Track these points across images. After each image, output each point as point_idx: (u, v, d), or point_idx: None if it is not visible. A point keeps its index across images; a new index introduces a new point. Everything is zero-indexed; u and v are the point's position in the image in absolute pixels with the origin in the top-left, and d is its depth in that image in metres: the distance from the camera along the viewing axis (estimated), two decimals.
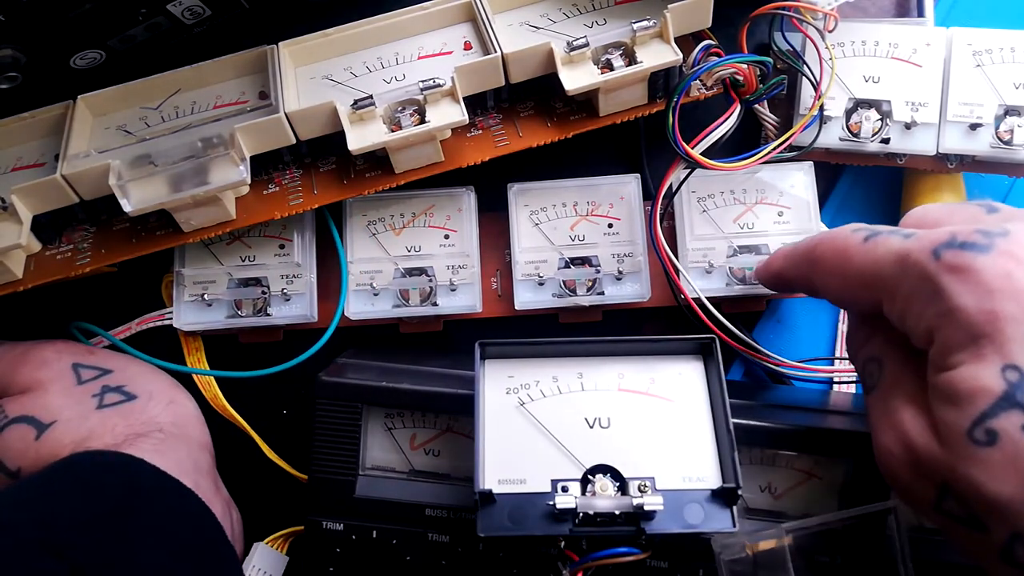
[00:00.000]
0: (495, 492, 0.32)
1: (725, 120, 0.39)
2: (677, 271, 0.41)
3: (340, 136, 0.37)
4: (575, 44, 0.37)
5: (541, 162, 0.42)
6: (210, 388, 0.42)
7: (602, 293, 0.42)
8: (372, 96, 0.37)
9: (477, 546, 0.36)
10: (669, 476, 0.33)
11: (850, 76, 0.42)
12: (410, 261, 0.42)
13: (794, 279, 0.35)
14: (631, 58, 0.38)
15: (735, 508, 0.32)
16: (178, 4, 0.40)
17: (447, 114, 0.37)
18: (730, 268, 0.41)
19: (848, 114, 0.42)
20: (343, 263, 0.42)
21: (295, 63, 0.41)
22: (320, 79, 0.40)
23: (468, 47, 0.41)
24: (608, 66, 0.38)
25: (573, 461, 0.33)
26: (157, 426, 0.37)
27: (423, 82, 0.37)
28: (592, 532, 0.32)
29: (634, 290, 0.42)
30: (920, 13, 0.46)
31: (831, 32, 0.41)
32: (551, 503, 0.31)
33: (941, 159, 0.42)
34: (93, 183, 0.37)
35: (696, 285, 0.41)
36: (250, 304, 0.41)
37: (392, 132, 0.37)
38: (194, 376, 0.42)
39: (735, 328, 0.41)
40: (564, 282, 0.42)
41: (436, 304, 0.41)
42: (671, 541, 0.35)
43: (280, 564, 0.39)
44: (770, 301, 0.44)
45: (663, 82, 0.40)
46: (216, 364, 0.43)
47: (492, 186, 0.43)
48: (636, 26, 0.37)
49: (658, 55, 0.38)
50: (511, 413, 0.34)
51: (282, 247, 0.42)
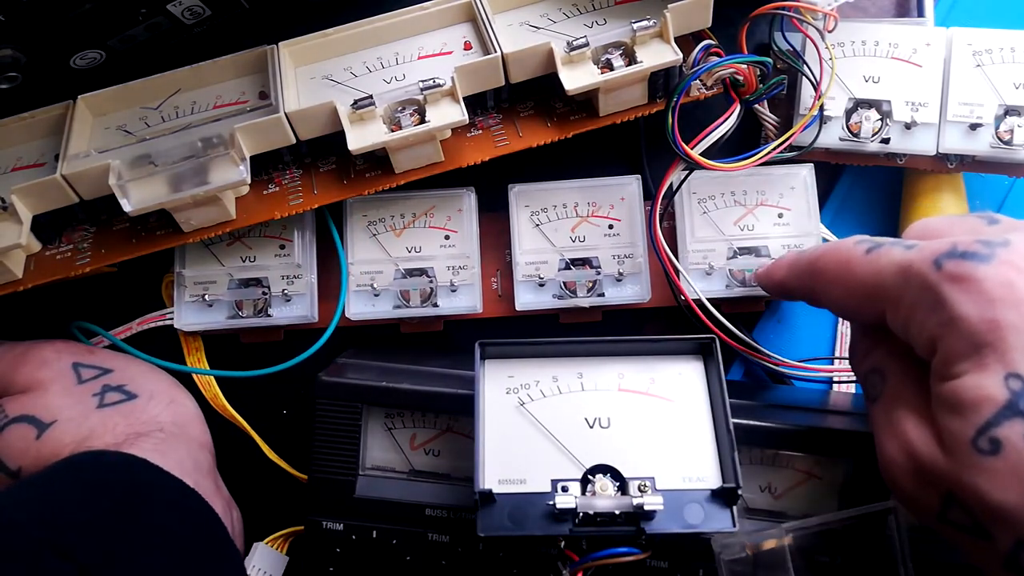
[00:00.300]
0: (495, 492, 0.32)
1: (725, 120, 0.39)
2: (677, 272, 0.41)
3: (340, 136, 0.37)
4: (575, 44, 0.37)
5: (541, 162, 0.42)
6: (210, 388, 0.42)
7: (602, 294, 0.42)
8: (372, 96, 0.37)
9: (477, 546, 0.36)
10: (669, 476, 0.33)
11: (850, 76, 0.42)
12: (410, 262, 0.42)
13: (796, 289, 0.35)
14: (631, 58, 0.38)
15: (735, 508, 0.32)
16: (178, 4, 0.40)
17: (447, 114, 0.37)
18: (730, 270, 0.41)
19: (848, 114, 0.42)
20: (343, 263, 0.42)
21: (295, 63, 0.41)
22: (320, 79, 0.40)
23: (468, 47, 0.40)
24: (608, 66, 0.38)
25: (573, 461, 0.33)
26: (158, 425, 0.37)
27: (423, 82, 0.37)
28: (592, 532, 0.32)
29: (634, 291, 0.42)
30: (920, 13, 0.46)
31: (831, 32, 0.41)
32: (551, 503, 0.31)
33: (941, 159, 0.42)
34: (93, 183, 0.37)
35: (696, 286, 0.41)
36: (251, 305, 0.41)
37: (392, 132, 0.37)
38: (194, 376, 0.42)
39: (735, 328, 0.41)
40: (565, 283, 0.42)
41: (436, 305, 0.41)
42: (671, 541, 0.35)
43: (280, 564, 0.39)
44: (770, 302, 0.44)
45: (663, 82, 0.40)
46: (216, 364, 0.43)
47: (492, 186, 0.43)
48: (636, 26, 0.37)
49: (658, 55, 0.38)
50: (511, 413, 0.34)
51: (282, 247, 0.42)
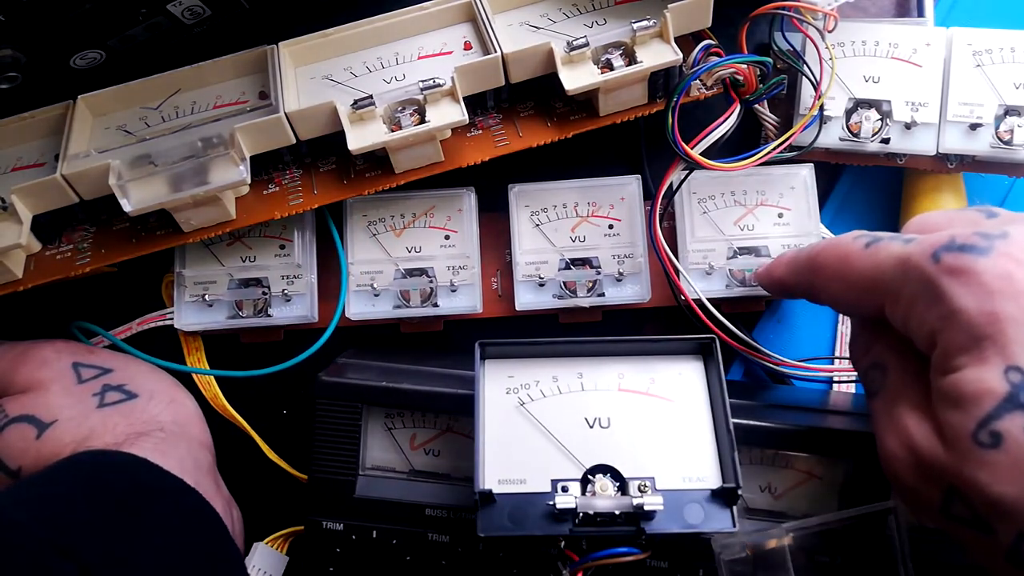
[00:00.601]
0: (495, 492, 0.32)
1: (725, 120, 0.39)
2: (677, 272, 0.41)
3: (340, 136, 0.37)
4: (575, 44, 0.37)
5: (541, 162, 0.42)
6: (210, 388, 0.42)
7: (602, 294, 0.42)
8: (372, 96, 0.37)
9: (477, 546, 0.36)
10: (669, 476, 0.33)
11: (850, 76, 0.42)
12: (410, 262, 0.42)
13: (796, 286, 0.35)
14: (631, 58, 0.38)
15: (735, 508, 0.32)
16: (178, 4, 0.40)
17: (447, 114, 0.37)
18: (730, 270, 0.41)
19: (848, 114, 0.42)
20: (343, 263, 0.42)
21: (295, 63, 0.41)
22: (320, 79, 0.40)
23: (468, 47, 0.40)
24: (608, 66, 0.38)
25: (573, 461, 0.33)
26: (158, 425, 0.37)
27: (423, 82, 0.37)
28: (592, 532, 0.32)
29: (634, 291, 0.42)
30: (920, 13, 0.46)
31: (831, 32, 0.41)
32: (551, 503, 0.31)
33: (941, 159, 0.42)
34: (93, 183, 0.37)
35: (696, 286, 0.41)
36: (251, 304, 0.41)
37: (392, 132, 0.37)
38: (194, 376, 0.42)
39: (735, 328, 0.41)
40: (565, 283, 0.42)
41: (436, 305, 0.41)
42: (671, 541, 0.35)
43: (280, 564, 0.39)
44: (770, 301, 0.44)
45: (663, 82, 0.40)
46: (216, 364, 0.43)
47: (492, 186, 0.43)
48: (636, 26, 0.37)
49: (658, 55, 0.38)
50: (511, 413, 0.34)
51: (282, 247, 0.42)
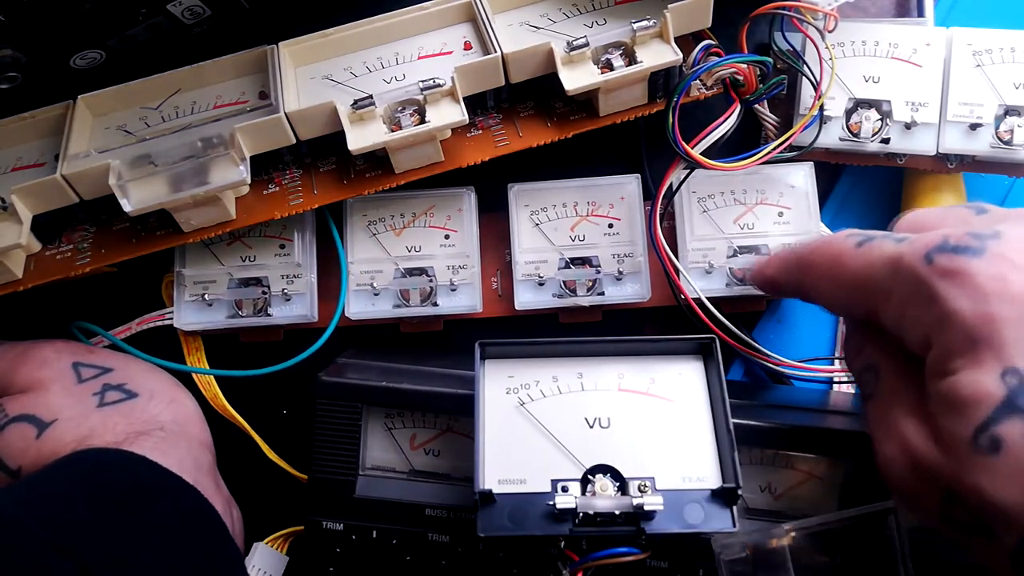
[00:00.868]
0: (495, 492, 0.32)
1: (725, 120, 0.39)
2: (677, 271, 0.41)
3: (340, 136, 0.37)
4: (575, 44, 0.37)
5: (541, 162, 0.42)
6: (210, 388, 0.42)
7: (602, 293, 0.42)
8: (372, 96, 0.37)
9: (477, 546, 0.36)
10: (669, 476, 0.33)
11: (850, 76, 0.42)
12: (410, 261, 0.42)
13: (788, 284, 0.34)
14: (631, 58, 0.38)
15: (735, 508, 0.32)
16: (178, 4, 0.40)
17: (447, 114, 0.37)
18: (730, 268, 0.41)
19: (848, 114, 0.42)
20: (343, 263, 0.42)
21: (295, 63, 0.41)
22: (320, 79, 0.40)
23: (468, 47, 0.40)
24: (608, 66, 0.38)
25: (573, 461, 0.33)
26: (158, 424, 0.37)
27: (423, 82, 0.37)
28: (592, 532, 0.32)
29: (634, 290, 0.42)
30: (920, 13, 0.46)
31: (831, 32, 0.41)
32: (551, 503, 0.31)
33: (941, 159, 0.42)
34: (93, 183, 0.37)
35: (696, 285, 0.41)
36: (250, 304, 0.41)
37: (392, 132, 0.37)
38: (194, 376, 0.42)
39: (735, 328, 0.41)
40: (564, 282, 0.42)
41: (436, 304, 0.41)
42: (671, 541, 0.35)
43: (280, 564, 0.39)
44: (770, 301, 0.44)
45: (663, 82, 0.40)
46: (216, 364, 0.43)
47: (492, 186, 0.43)
48: (636, 26, 0.37)
49: (658, 55, 0.38)
50: (511, 413, 0.34)
51: (282, 247, 0.42)
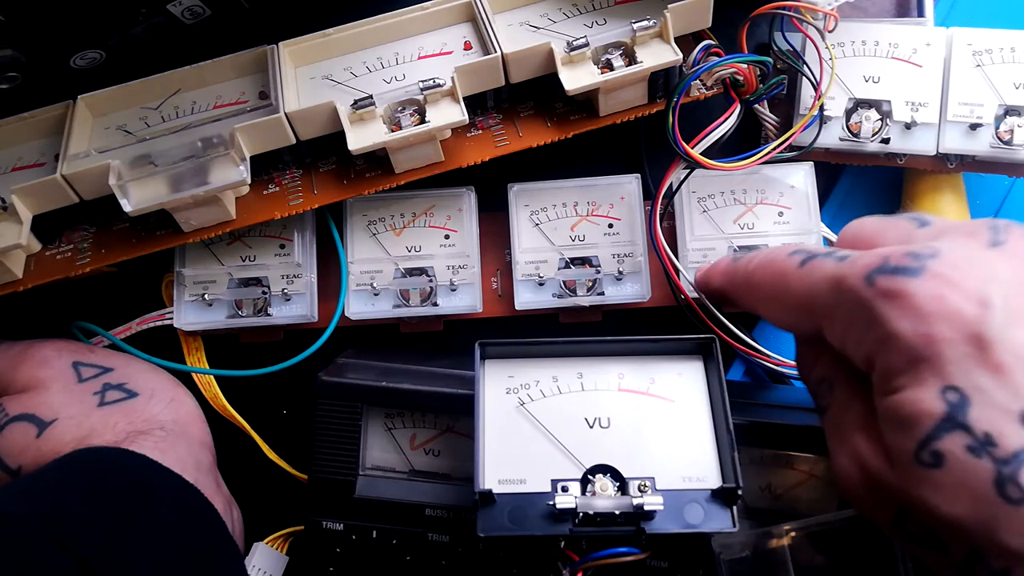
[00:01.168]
0: (495, 492, 0.32)
1: (725, 120, 0.39)
2: (677, 271, 0.41)
3: (340, 136, 0.37)
4: (575, 44, 0.37)
5: (541, 162, 0.42)
6: (210, 388, 0.42)
7: (602, 293, 0.42)
8: (372, 96, 0.37)
9: (477, 546, 0.36)
10: (669, 476, 0.33)
11: (850, 76, 0.42)
12: (410, 261, 0.42)
13: (733, 299, 0.35)
14: (631, 58, 0.38)
15: (735, 508, 0.32)
16: (178, 4, 0.40)
17: (447, 114, 0.37)
18: None
19: (848, 114, 0.42)
20: (343, 263, 0.42)
21: (295, 63, 0.41)
22: (320, 79, 0.40)
23: (468, 47, 0.40)
24: (608, 66, 0.38)
25: (573, 461, 0.33)
26: (158, 424, 0.37)
27: (423, 82, 0.37)
28: (592, 532, 0.32)
29: (634, 290, 0.42)
30: (920, 13, 0.46)
31: (831, 32, 0.41)
32: (551, 503, 0.31)
33: (941, 159, 0.42)
34: (93, 183, 0.37)
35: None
36: (250, 304, 0.41)
37: (392, 132, 0.37)
38: (194, 376, 0.42)
39: (735, 328, 0.41)
40: (564, 282, 0.42)
41: (436, 304, 0.41)
42: (671, 541, 0.35)
43: (280, 564, 0.39)
44: None
45: (663, 82, 0.40)
46: (216, 364, 0.43)
47: (492, 186, 0.43)
48: (636, 26, 0.37)
49: (658, 55, 0.38)
50: (511, 413, 0.34)
51: (282, 247, 0.42)
